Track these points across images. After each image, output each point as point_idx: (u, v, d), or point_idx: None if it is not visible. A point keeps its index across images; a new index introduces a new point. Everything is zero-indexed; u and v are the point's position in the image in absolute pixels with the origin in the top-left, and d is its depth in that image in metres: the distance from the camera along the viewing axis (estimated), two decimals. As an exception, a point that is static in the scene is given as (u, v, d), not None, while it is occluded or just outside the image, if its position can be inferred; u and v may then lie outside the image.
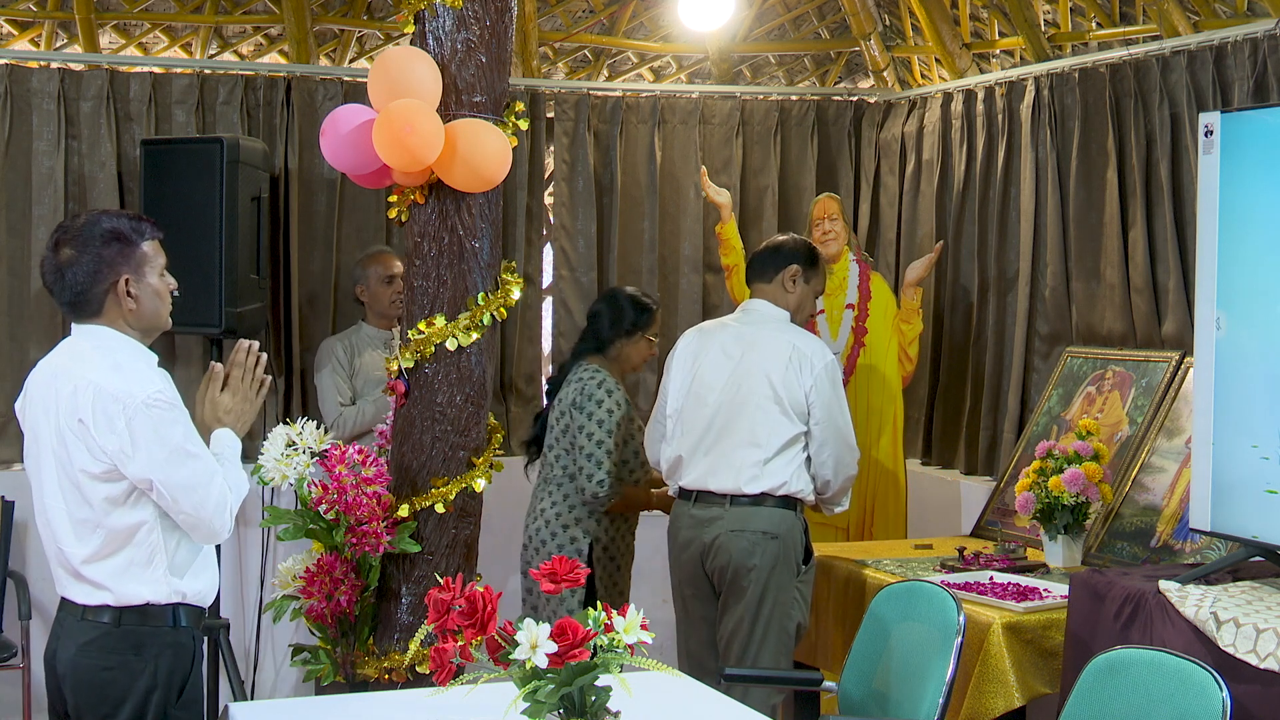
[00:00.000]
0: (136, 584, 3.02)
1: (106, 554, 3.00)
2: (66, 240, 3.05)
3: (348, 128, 4.15)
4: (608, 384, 4.54)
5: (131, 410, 2.94)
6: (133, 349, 3.07)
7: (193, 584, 3.10)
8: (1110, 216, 5.09)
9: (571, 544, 4.53)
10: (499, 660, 2.48)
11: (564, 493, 4.57)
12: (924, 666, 3.52)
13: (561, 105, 6.06)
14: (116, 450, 2.95)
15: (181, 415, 3.01)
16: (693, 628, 4.38)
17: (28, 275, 5.36)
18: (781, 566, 4.19)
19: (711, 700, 3.29)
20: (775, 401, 4.22)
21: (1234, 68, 4.62)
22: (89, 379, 2.98)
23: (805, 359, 4.24)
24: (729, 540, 4.19)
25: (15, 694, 5.10)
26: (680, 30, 6.23)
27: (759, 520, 4.19)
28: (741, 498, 4.21)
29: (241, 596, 5.54)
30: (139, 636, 3.03)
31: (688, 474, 4.32)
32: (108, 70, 5.45)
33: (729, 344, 4.34)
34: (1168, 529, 4.47)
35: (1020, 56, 5.69)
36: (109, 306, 3.05)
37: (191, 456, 3.00)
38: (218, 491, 3.03)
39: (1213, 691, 2.82)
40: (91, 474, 2.98)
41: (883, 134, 6.34)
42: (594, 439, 4.46)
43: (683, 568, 4.34)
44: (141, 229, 3.10)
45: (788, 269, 4.40)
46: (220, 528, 3.05)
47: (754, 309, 4.42)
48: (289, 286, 5.63)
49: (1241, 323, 3.66)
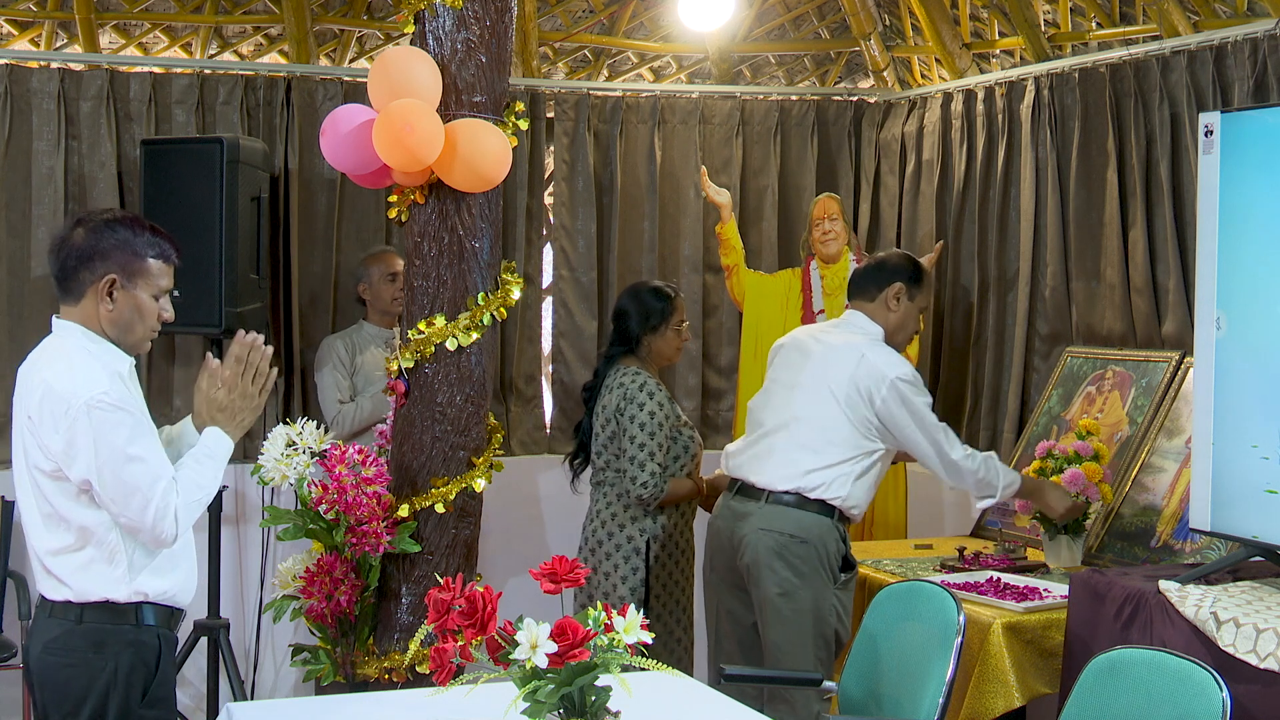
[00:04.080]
0: (96, 581, 2.99)
1: (72, 548, 2.99)
2: (85, 222, 3.06)
3: (348, 128, 4.15)
4: (649, 386, 4.53)
5: (75, 411, 2.91)
6: (98, 349, 3.02)
7: (156, 583, 3.04)
8: (1110, 216, 5.09)
9: (629, 543, 4.51)
10: (499, 660, 2.48)
11: (617, 493, 4.56)
12: (924, 666, 3.52)
13: (561, 105, 6.06)
14: (59, 451, 2.93)
15: (128, 418, 2.94)
16: (723, 622, 4.33)
17: (27, 275, 5.36)
18: (810, 572, 4.10)
19: (711, 700, 3.29)
20: (838, 412, 4.14)
21: (1234, 68, 4.62)
22: (43, 376, 2.97)
23: (875, 372, 4.12)
24: (756, 538, 4.14)
25: (15, 694, 5.10)
26: (680, 30, 6.23)
27: (787, 521, 4.12)
28: (778, 495, 4.15)
29: (241, 596, 5.54)
30: (100, 634, 3.00)
31: (735, 463, 4.30)
32: (108, 70, 5.45)
33: (811, 349, 4.29)
34: (1168, 529, 4.47)
35: (1020, 56, 5.69)
36: (88, 297, 3.03)
37: (133, 460, 2.93)
38: (160, 496, 2.94)
39: (1213, 691, 2.82)
40: (43, 471, 2.97)
41: (883, 134, 6.34)
42: (636, 441, 4.45)
43: (716, 560, 4.31)
44: (156, 245, 3.07)
45: (891, 287, 4.26)
46: (164, 534, 2.97)
47: (849, 319, 4.34)
48: (289, 286, 5.62)
49: (1241, 323, 3.66)
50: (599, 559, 4.54)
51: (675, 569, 4.61)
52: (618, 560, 4.51)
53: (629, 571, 4.49)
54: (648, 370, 4.61)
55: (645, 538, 4.52)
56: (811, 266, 5.61)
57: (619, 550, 4.51)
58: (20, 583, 5.12)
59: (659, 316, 4.64)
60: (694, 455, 4.62)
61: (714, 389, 6.26)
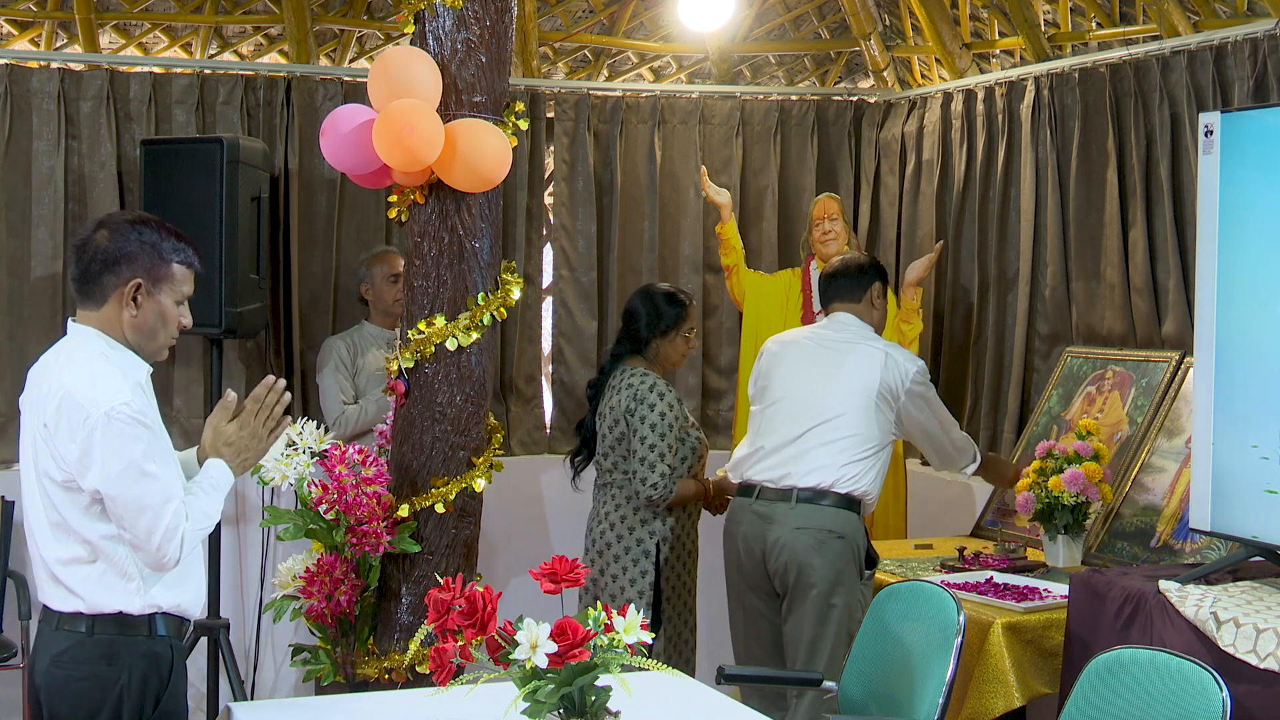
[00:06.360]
0: (110, 594, 2.94)
1: (84, 560, 2.93)
2: (107, 225, 2.99)
3: (348, 128, 4.15)
4: (659, 387, 4.52)
5: (94, 420, 2.84)
6: (118, 356, 2.97)
7: (170, 596, 3.00)
8: (1110, 216, 5.09)
9: (638, 545, 4.50)
10: (499, 660, 2.48)
11: (625, 495, 4.55)
12: (924, 666, 3.51)
13: (561, 105, 6.06)
14: (74, 459, 2.86)
15: (145, 433, 2.89)
16: (752, 625, 4.34)
17: (28, 275, 5.36)
18: (846, 567, 4.17)
19: (711, 700, 3.29)
20: (866, 407, 4.23)
21: (1234, 68, 4.62)
22: (61, 382, 2.90)
23: (900, 368, 4.28)
24: (792, 538, 4.16)
25: (15, 694, 5.10)
26: (680, 30, 6.23)
27: (823, 518, 4.16)
28: (804, 493, 4.19)
29: (241, 596, 5.54)
30: (112, 646, 2.95)
31: (755, 468, 4.31)
32: (108, 70, 5.45)
33: (821, 350, 4.36)
34: (1168, 529, 4.47)
35: (1020, 56, 5.69)
36: (112, 302, 2.97)
37: (147, 476, 2.88)
38: (169, 518, 2.89)
39: (1213, 691, 2.82)
40: (55, 480, 2.91)
41: (883, 134, 6.34)
42: (647, 442, 4.44)
43: (742, 565, 4.31)
44: (181, 250, 3.02)
45: (873, 287, 4.46)
46: (166, 556, 2.91)
47: (844, 321, 4.44)
48: (289, 286, 5.62)
49: (1241, 323, 3.66)
50: (606, 561, 4.53)
51: (683, 570, 4.61)
52: (626, 563, 4.50)
53: (638, 574, 4.48)
54: (654, 372, 4.60)
55: (655, 540, 4.51)
56: (811, 266, 5.61)
57: (628, 553, 4.50)
58: (20, 583, 5.12)
59: (670, 321, 4.64)
60: (700, 456, 4.62)
61: (714, 389, 6.26)
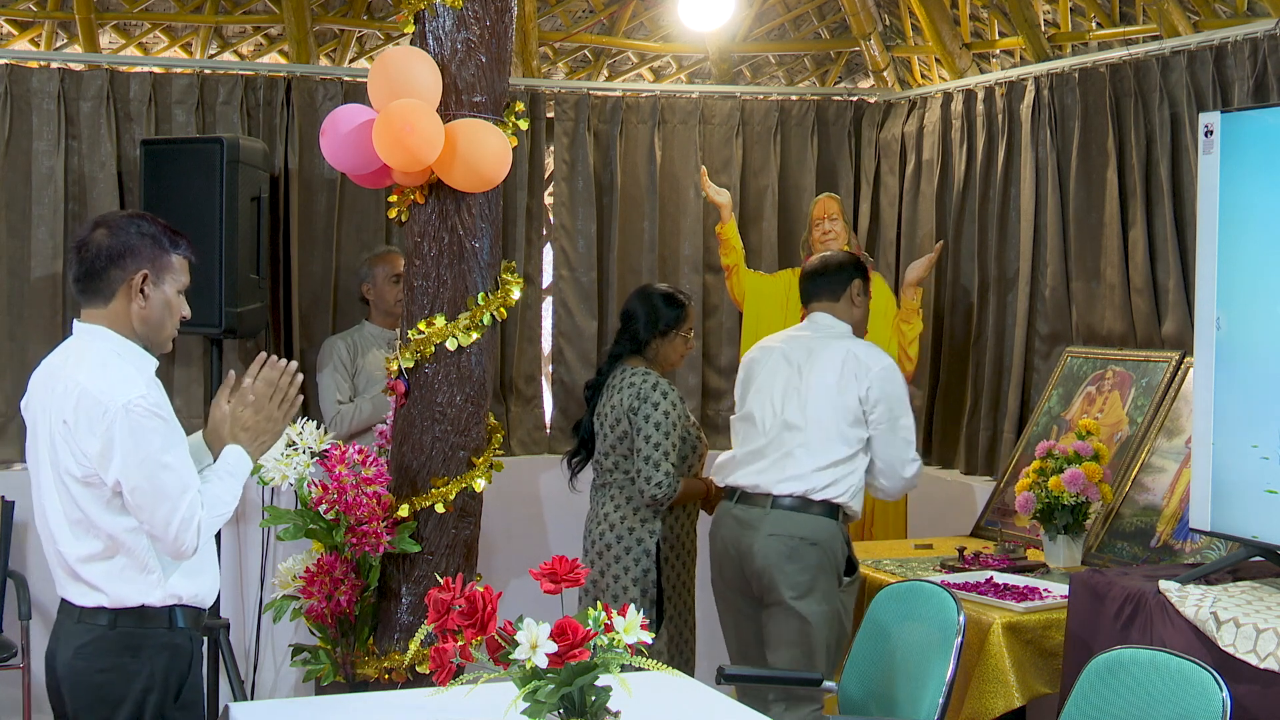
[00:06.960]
0: (131, 587, 2.98)
1: (104, 555, 2.98)
2: (104, 223, 3.04)
3: (348, 128, 4.15)
4: (661, 386, 4.52)
5: (113, 413, 2.89)
6: (128, 352, 3.02)
7: (189, 586, 3.05)
8: (1110, 216, 5.09)
9: (639, 545, 4.50)
10: (499, 660, 2.48)
11: (626, 495, 4.54)
12: (924, 666, 3.52)
13: (561, 105, 6.06)
14: (96, 453, 2.91)
15: (162, 425, 2.94)
16: (740, 627, 4.35)
17: (28, 275, 5.36)
18: (822, 575, 4.15)
19: (711, 700, 3.29)
20: (834, 410, 4.21)
21: (1234, 68, 4.62)
22: (76, 379, 2.94)
23: (861, 364, 4.25)
24: (765, 545, 4.16)
25: (15, 694, 5.10)
26: (680, 30, 6.23)
27: (796, 525, 4.16)
28: (783, 500, 4.19)
29: (241, 596, 5.54)
30: (135, 639, 3.00)
31: (736, 473, 4.32)
32: (108, 70, 5.45)
33: (792, 353, 4.36)
34: (1168, 529, 4.47)
35: (1020, 56, 5.69)
36: (119, 297, 3.01)
37: (165, 468, 2.92)
38: (187, 507, 2.93)
39: (1213, 691, 2.82)
40: (75, 477, 2.95)
41: (883, 134, 6.34)
42: (651, 441, 4.44)
43: (723, 567, 4.32)
44: (178, 242, 3.08)
45: (853, 284, 4.44)
46: (185, 545, 2.96)
47: (818, 321, 4.43)
48: (289, 286, 5.62)
49: (1241, 323, 3.66)
50: (607, 562, 4.52)
51: (683, 570, 4.61)
52: (628, 563, 4.49)
53: (640, 574, 4.48)
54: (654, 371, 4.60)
55: (655, 539, 4.51)
56: (811, 266, 5.60)
57: (629, 553, 4.50)
58: (20, 583, 5.12)
59: (669, 322, 4.64)
60: (701, 455, 4.63)
61: (714, 389, 6.26)
